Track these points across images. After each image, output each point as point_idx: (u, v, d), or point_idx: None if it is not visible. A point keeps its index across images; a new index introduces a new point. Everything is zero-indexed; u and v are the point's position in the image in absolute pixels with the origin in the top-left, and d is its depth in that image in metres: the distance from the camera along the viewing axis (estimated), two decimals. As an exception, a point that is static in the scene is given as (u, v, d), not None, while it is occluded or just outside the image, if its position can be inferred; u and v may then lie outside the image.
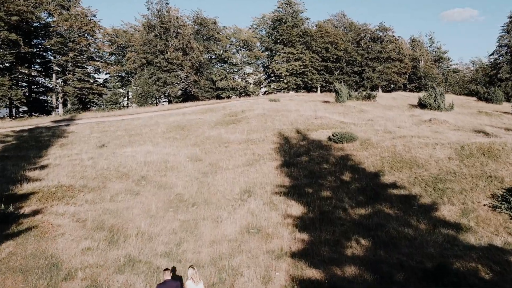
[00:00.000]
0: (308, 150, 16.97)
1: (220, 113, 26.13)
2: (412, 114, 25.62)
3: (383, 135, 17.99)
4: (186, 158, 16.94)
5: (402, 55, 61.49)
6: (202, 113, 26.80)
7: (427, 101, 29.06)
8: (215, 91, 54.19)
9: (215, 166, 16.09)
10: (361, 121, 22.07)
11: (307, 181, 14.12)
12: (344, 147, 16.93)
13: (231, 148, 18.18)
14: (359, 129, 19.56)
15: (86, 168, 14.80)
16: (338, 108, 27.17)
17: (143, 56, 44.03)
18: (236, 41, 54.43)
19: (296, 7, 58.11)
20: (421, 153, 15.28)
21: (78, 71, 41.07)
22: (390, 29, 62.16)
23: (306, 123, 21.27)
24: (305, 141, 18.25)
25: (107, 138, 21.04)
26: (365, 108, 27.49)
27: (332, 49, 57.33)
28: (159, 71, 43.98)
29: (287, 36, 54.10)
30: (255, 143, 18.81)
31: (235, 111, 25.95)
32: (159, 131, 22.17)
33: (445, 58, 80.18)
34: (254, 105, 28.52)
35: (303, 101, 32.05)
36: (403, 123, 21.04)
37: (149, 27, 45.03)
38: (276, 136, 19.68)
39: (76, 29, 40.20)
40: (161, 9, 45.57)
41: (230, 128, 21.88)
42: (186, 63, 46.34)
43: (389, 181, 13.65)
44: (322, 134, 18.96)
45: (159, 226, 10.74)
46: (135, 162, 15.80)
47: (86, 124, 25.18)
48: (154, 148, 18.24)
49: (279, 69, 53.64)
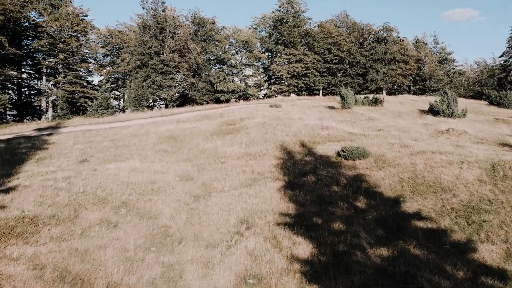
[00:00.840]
0: (315, 168, 14.95)
1: (217, 121, 24.11)
2: (426, 122, 23.61)
3: (399, 150, 15.97)
4: (176, 177, 14.92)
5: (407, 56, 59.45)
6: (197, 121, 24.79)
7: (439, 107, 27.02)
8: (213, 93, 52.17)
9: (208, 187, 14.08)
10: (372, 132, 20.06)
11: (315, 209, 12.09)
12: (356, 164, 14.91)
13: (228, 164, 16.17)
14: (371, 142, 17.54)
15: (59, 192, 12.77)
16: (344, 116, 25.15)
17: (137, 58, 42.01)
18: (235, 42, 52.42)
19: (297, 7, 56.02)
20: (446, 174, 13.26)
21: (69, 74, 39.08)
22: (395, 30, 60.10)
23: (312, 134, 19.23)
24: (311, 156, 16.24)
25: (90, 151, 19.03)
26: (373, 115, 25.47)
27: (334, 50, 55.29)
28: (154, 73, 41.98)
29: (288, 36, 52.06)
30: (254, 158, 16.80)
31: (233, 119, 23.93)
32: (149, 142, 20.16)
33: (450, 59, 78.15)
34: (253, 112, 26.52)
35: (306, 106, 30.03)
36: (419, 134, 19.02)
37: (144, 28, 43.01)
38: (278, 149, 17.67)
39: (66, 29, 38.23)
40: (157, 9, 43.60)
41: (227, 139, 19.86)
42: (183, 65, 44.35)
43: (412, 209, 11.63)
44: (330, 148, 16.95)
45: (136, 274, 8.73)
46: (117, 182, 13.78)
47: (71, 133, 23.17)
48: (141, 164, 16.22)
49: (280, 71, 51.60)
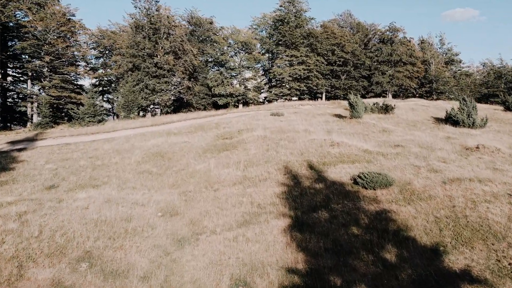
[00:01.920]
0: (328, 200, 12.29)
1: (212, 133, 21.45)
2: (447, 135, 20.94)
3: (427, 176, 13.31)
4: (158, 210, 12.25)
5: (414, 58, 56.83)
6: (190, 133, 22.12)
7: (459, 116, 24.35)
8: (211, 97, 49.56)
9: (197, 226, 11.41)
10: (389, 149, 17.39)
11: (332, 261, 9.43)
12: (377, 196, 12.24)
13: (222, 192, 13.50)
14: (391, 163, 14.88)
15: (6, 237, 10.11)
16: (355, 127, 22.50)
17: (129, 60, 39.35)
18: (234, 43, 49.76)
19: (299, 6, 53.35)
20: (493, 212, 10.59)
21: (55, 77, 36.42)
22: (401, 30, 57.53)
23: (320, 153, 16.56)
24: (321, 183, 13.57)
25: (63, 172, 16.37)
26: (387, 126, 22.80)
27: (338, 52, 52.69)
28: (147, 77, 39.32)
29: (290, 37, 49.40)
30: (254, 183, 14.13)
31: (229, 131, 21.28)
32: (132, 161, 17.49)
33: (457, 60, 75.67)
34: (253, 122, 23.85)
35: (311, 114, 27.37)
36: (445, 153, 16.35)
37: (136, 28, 40.33)
38: (281, 172, 15.01)
39: (52, 29, 35.57)
40: (150, 8, 40.89)
41: (223, 158, 17.19)
42: (178, 67, 41.70)
43: (458, 266, 8.97)
44: (343, 172, 14.28)
45: None
46: (84, 221, 11.12)
47: (46, 147, 20.50)
48: (118, 193, 13.56)
49: (281, 74, 48.96)
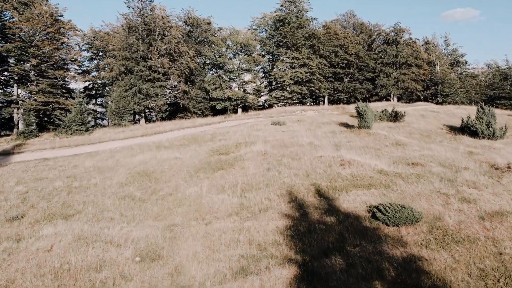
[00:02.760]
0: (342, 240, 10.14)
1: (207, 147, 19.31)
2: (468, 149, 18.80)
3: (459, 208, 11.17)
4: (136, 253, 10.09)
5: (420, 60, 54.69)
6: (182, 146, 19.98)
7: (478, 127, 22.22)
8: (208, 101, 47.43)
9: (183, 277, 9.25)
10: (407, 168, 15.25)
11: (353, 336, 7.31)
12: (402, 235, 10.09)
13: (215, 226, 11.35)
14: (414, 189, 12.74)
15: None
16: (365, 139, 20.37)
17: (121, 63, 37.20)
18: (233, 45, 47.60)
19: (300, 6, 51.22)
20: (553, 264, 8.48)
21: (42, 82, 34.28)
22: (407, 31, 55.37)
23: (329, 174, 14.41)
24: (333, 215, 11.43)
25: (33, 197, 14.23)
26: (400, 139, 20.67)
27: (341, 53, 50.57)
28: (140, 80, 37.18)
29: (291, 38, 47.26)
30: (253, 214, 12.00)
31: (226, 145, 19.14)
32: (114, 182, 15.35)
33: (462, 61, 73.64)
34: (252, 133, 21.71)
35: (315, 123, 25.23)
36: (473, 174, 14.19)
37: (129, 29, 38.18)
38: (285, 199, 12.87)
39: (39, 31, 33.44)
40: (144, 8, 38.73)
41: (218, 179, 15.06)
42: (173, 70, 39.56)
43: None
44: (358, 201, 12.14)
45: None
46: (42, 271, 8.96)
47: (21, 163, 18.36)
48: (91, 227, 11.41)
49: (282, 77, 46.80)
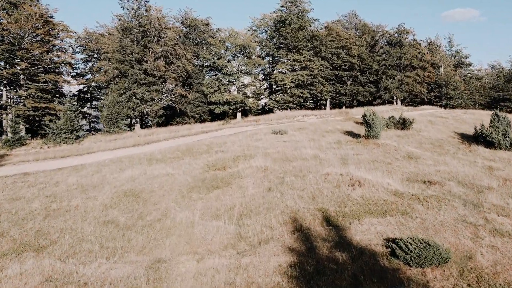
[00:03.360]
0: (356, 284, 8.60)
1: (202, 160, 17.75)
2: (488, 165, 17.22)
3: (491, 243, 9.63)
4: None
5: (425, 62, 53.12)
6: (175, 159, 18.42)
7: (494, 137, 20.65)
8: (206, 105, 45.85)
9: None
10: (424, 188, 13.69)
11: None
12: (428, 280, 8.53)
13: (208, 264, 9.79)
14: (435, 217, 11.18)
15: None
16: (373, 151, 18.82)
17: (115, 66, 35.64)
18: (232, 47, 46.04)
19: (301, 6, 49.65)
20: None
21: (32, 86, 32.71)
22: (411, 32, 53.80)
23: (338, 197, 12.85)
24: (345, 251, 9.87)
25: (5, 222, 12.62)
26: (411, 150, 19.11)
27: (344, 55, 48.98)
28: (135, 84, 35.62)
29: (292, 40, 45.69)
30: (252, 247, 10.44)
31: (223, 158, 17.59)
32: (97, 204, 13.78)
33: (467, 63, 72.08)
34: (251, 144, 20.15)
35: (318, 131, 23.68)
36: (499, 197, 12.64)
37: (123, 31, 36.61)
38: (288, 228, 11.32)
39: (28, 33, 31.90)
40: (139, 8, 37.16)
41: (212, 200, 13.50)
42: (170, 73, 38.00)
43: None
44: (373, 231, 10.58)
45: None
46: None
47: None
48: (64, 264, 9.83)
49: (283, 80, 45.20)
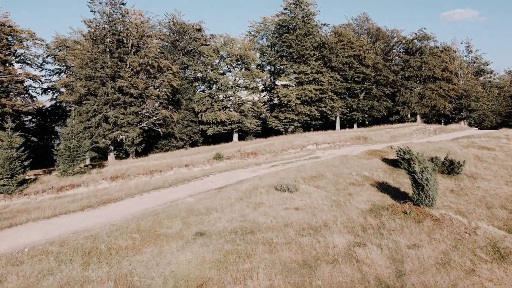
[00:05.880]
0: None
1: (169, 258, 11.23)
2: None
3: None
4: None
5: (448, 72, 46.65)
6: (126, 252, 11.86)
7: None
8: (198, 125, 39.41)
9: None
10: None
11: None
12: None
13: None
14: None
15: None
16: (436, 238, 12.01)
17: (83, 84, 29.15)
18: (227, 56, 39.59)
19: (307, 9, 43.21)
20: None
21: (-25, 110, 26.25)
22: (432, 38, 47.37)
23: None
24: None
25: None
26: (494, 233, 12.57)
27: (356, 65, 42.51)
28: (107, 106, 29.14)
29: (297, 48, 39.19)
30: None
31: (202, 260, 11.05)
32: None
33: (487, 70, 65.55)
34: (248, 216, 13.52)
35: (340, 181, 17.10)
36: None
37: (93, 40, 30.11)
38: None
39: (-31, 44, 25.42)
40: (113, 13, 30.69)
41: None
42: (151, 91, 31.50)
43: None
44: None
45: None
46: None
47: None
48: None
49: (287, 95, 38.71)
